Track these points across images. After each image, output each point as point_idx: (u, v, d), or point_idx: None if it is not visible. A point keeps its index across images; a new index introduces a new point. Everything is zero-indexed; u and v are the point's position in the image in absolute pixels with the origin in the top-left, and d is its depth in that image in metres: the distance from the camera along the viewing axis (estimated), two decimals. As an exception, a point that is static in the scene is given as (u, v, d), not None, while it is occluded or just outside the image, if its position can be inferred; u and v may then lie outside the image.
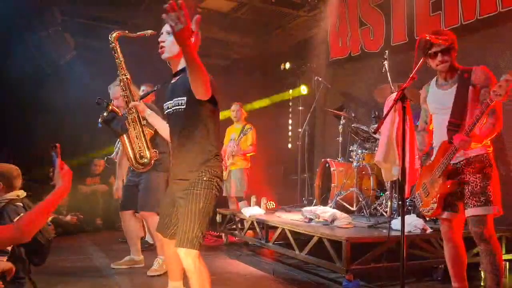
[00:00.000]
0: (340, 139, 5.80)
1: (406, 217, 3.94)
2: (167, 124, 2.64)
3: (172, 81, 2.55)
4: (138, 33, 3.39)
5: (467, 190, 2.79)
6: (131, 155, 3.89)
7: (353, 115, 5.73)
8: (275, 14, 7.56)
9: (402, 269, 2.56)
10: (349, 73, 6.98)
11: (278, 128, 8.61)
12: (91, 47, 6.87)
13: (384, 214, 4.75)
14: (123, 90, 3.67)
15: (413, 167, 3.91)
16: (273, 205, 5.99)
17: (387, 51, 4.98)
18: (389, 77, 4.82)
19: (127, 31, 3.55)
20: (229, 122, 6.31)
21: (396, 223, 3.88)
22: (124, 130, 3.84)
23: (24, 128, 6.41)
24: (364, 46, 6.62)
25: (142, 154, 3.84)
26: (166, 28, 2.44)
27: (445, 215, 2.92)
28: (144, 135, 3.79)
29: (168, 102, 2.52)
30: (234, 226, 5.49)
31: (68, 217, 6.55)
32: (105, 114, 3.88)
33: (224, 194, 5.96)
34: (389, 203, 4.59)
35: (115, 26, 7.09)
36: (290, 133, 8.61)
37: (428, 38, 2.72)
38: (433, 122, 3.07)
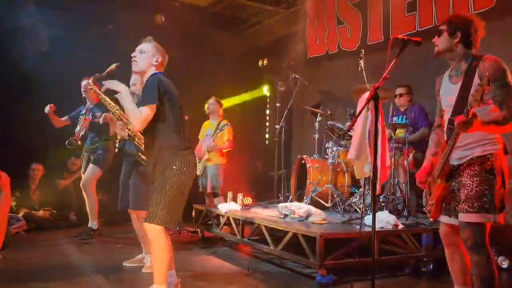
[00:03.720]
0: (317, 136, 5.86)
1: (379, 213, 4.05)
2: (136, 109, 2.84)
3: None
4: (107, 70, 3.58)
5: (462, 193, 2.53)
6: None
7: (329, 112, 5.80)
8: (254, 10, 7.57)
9: (373, 264, 2.63)
10: (326, 71, 7.05)
11: (255, 124, 8.62)
12: (65, 39, 6.73)
13: (358, 210, 4.83)
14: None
15: (384, 165, 3.99)
16: (249, 201, 6.02)
17: (362, 50, 5.04)
18: (365, 76, 4.89)
19: (97, 75, 3.72)
20: (205, 117, 6.23)
21: (370, 219, 3.95)
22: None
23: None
24: (341, 45, 6.70)
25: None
26: (140, 47, 2.97)
27: (443, 219, 2.71)
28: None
29: None
30: (210, 222, 5.49)
31: (41, 212, 6.43)
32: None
33: (200, 190, 5.94)
34: (362, 200, 4.67)
35: (90, 18, 7.00)
36: (267, 130, 8.65)
37: (401, 38, 2.71)
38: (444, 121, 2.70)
